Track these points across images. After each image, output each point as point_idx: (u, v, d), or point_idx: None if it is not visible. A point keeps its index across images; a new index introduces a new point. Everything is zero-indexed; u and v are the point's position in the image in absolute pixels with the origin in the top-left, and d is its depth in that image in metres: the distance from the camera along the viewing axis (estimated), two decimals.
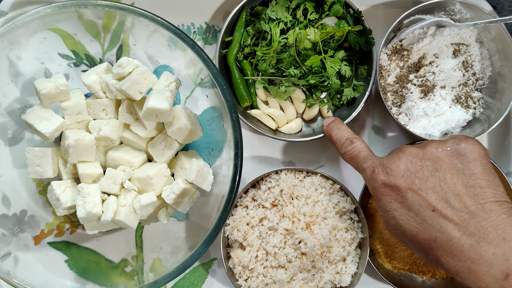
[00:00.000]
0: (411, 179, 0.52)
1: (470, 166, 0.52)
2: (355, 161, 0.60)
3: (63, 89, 0.63)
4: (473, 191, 0.50)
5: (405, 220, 0.52)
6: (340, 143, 0.63)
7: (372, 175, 0.55)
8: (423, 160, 0.53)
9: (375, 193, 0.55)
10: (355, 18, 0.70)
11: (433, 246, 0.50)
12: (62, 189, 0.65)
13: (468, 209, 0.49)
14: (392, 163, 0.54)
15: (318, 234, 0.65)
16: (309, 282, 0.67)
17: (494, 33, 0.71)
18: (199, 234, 0.63)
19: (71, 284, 0.66)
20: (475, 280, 0.48)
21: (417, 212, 0.51)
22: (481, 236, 0.48)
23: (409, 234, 0.52)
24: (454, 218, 0.49)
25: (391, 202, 0.53)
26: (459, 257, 0.48)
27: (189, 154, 0.69)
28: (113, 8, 0.60)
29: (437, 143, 0.54)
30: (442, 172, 0.52)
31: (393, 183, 0.53)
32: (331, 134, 0.65)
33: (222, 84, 0.60)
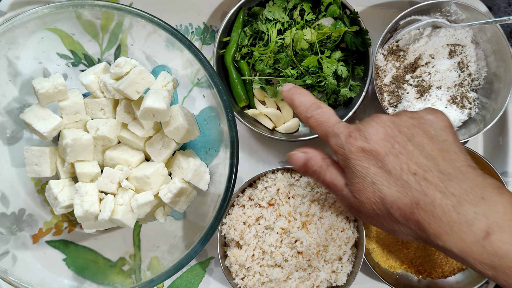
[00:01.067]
0: (391, 143, 0.51)
1: (442, 133, 0.52)
2: (324, 126, 0.56)
3: (61, 88, 0.64)
4: (448, 155, 0.51)
5: (385, 185, 0.50)
6: (305, 107, 0.57)
7: (348, 140, 0.52)
8: (400, 126, 0.52)
9: (350, 158, 0.52)
10: (351, 18, 0.71)
11: (415, 210, 0.49)
12: (60, 188, 0.65)
13: (447, 172, 0.49)
14: (370, 128, 0.52)
15: (314, 233, 0.66)
16: (305, 281, 0.68)
17: (489, 34, 0.71)
18: (196, 233, 0.63)
19: (69, 283, 0.67)
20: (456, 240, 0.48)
21: (398, 177, 0.50)
22: (461, 197, 0.48)
23: (389, 200, 0.50)
24: (435, 180, 0.49)
25: (369, 168, 0.51)
26: (440, 217, 0.48)
27: (186, 154, 0.69)
28: (110, 8, 0.61)
29: (410, 113, 0.54)
30: (419, 137, 0.52)
31: (372, 148, 0.51)
32: (293, 98, 0.59)
33: (218, 84, 0.60)
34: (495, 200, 0.47)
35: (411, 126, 0.52)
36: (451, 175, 0.49)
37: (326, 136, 0.56)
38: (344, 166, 0.53)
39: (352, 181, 0.52)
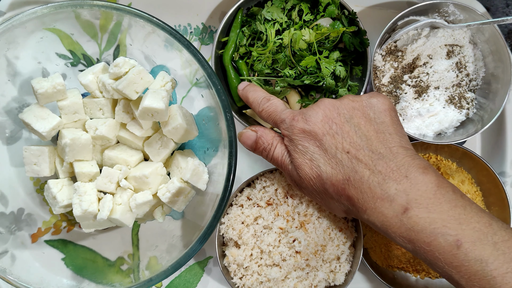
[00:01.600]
0: (329, 124, 0.55)
1: (381, 115, 0.56)
2: (273, 115, 0.61)
3: (60, 88, 0.64)
4: (383, 136, 0.55)
5: (322, 162, 0.55)
6: (257, 102, 0.64)
7: (291, 123, 0.57)
8: (340, 108, 0.56)
9: (293, 139, 0.57)
10: (350, 19, 0.71)
11: (346, 186, 0.53)
12: (58, 188, 0.66)
13: (378, 151, 0.53)
14: (311, 111, 0.57)
15: (312, 233, 0.66)
16: (303, 281, 0.68)
17: (487, 34, 0.72)
18: (194, 233, 0.64)
19: (67, 282, 0.67)
20: (379, 215, 0.52)
21: (333, 155, 0.54)
22: (387, 175, 0.52)
23: (324, 176, 0.55)
24: (365, 159, 0.53)
25: (309, 147, 0.56)
26: (367, 194, 0.52)
27: (185, 153, 0.70)
28: (109, 8, 0.61)
29: (353, 96, 0.58)
30: (357, 119, 0.56)
31: (311, 129, 0.56)
32: (247, 96, 0.66)
33: (217, 84, 0.61)
34: (418, 179, 0.51)
35: (350, 109, 0.57)
36: (381, 154, 0.53)
37: (276, 124, 0.61)
38: (289, 147, 0.58)
39: (294, 158, 0.58)
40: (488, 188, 0.73)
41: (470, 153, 0.72)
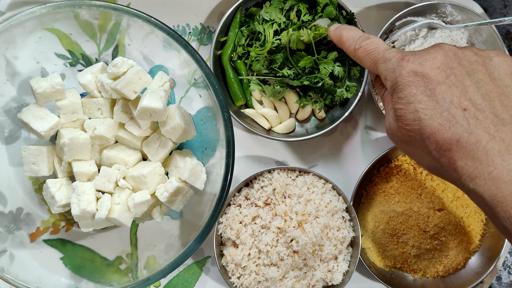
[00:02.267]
0: (446, 73, 0.48)
1: (506, 78, 0.49)
2: (373, 53, 0.54)
3: (59, 88, 0.64)
4: (508, 101, 0.47)
5: (428, 115, 0.47)
6: (354, 40, 0.57)
7: (400, 63, 0.50)
8: (462, 59, 0.49)
9: (399, 82, 0.49)
10: (348, 19, 0.71)
11: (454, 147, 0.46)
12: (57, 187, 0.66)
13: (501, 116, 0.46)
14: (427, 54, 0.49)
15: (310, 232, 0.66)
16: (301, 280, 0.68)
17: (485, 35, 0.72)
18: (192, 232, 0.64)
19: (66, 281, 0.67)
20: (492, 187, 0.44)
21: (446, 109, 0.46)
22: (510, 144, 0.44)
23: (427, 131, 0.47)
24: (486, 121, 0.46)
25: (416, 94, 0.47)
26: (481, 160, 0.44)
27: (183, 153, 0.70)
28: (107, 8, 0.61)
29: (476, 49, 0.51)
30: (480, 75, 0.48)
31: (426, 73, 0.47)
32: (341, 33, 0.59)
33: (215, 84, 0.61)
34: None
35: (474, 62, 0.49)
36: (505, 120, 0.46)
37: (376, 64, 0.53)
38: (391, 92, 0.50)
39: (396, 105, 0.50)
40: None
41: None
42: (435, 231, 0.70)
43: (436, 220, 0.70)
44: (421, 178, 0.72)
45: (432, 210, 0.70)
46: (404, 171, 0.73)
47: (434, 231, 0.70)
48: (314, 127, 0.76)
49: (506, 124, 0.46)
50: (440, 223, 0.70)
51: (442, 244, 0.71)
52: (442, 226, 0.70)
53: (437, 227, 0.70)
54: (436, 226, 0.70)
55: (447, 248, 0.71)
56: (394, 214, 0.71)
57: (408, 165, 0.74)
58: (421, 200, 0.71)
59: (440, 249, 0.71)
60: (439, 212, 0.71)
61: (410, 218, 0.70)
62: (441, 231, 0.70)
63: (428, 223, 0.69)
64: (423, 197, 0.71)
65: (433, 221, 0.70)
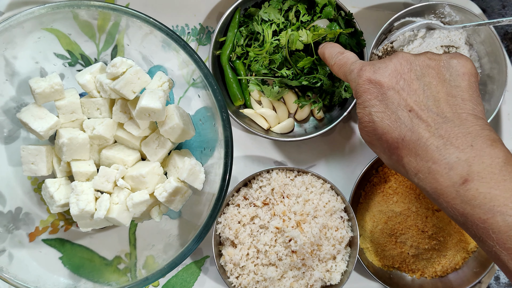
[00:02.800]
0: (396, 79, 0.52)
1: (458, 79, 0.52)
2: (343, 67, 0.59)
3: (58, 88, 0.64)
4: (454, 100, 0.51)
5: (379, 117, 0.52)
6: (331, 56, 0.62)
7: (359, 73, 0.55)
8: (413, 64, 0.53)
9: (358, 90, 0.55)
10: (346, 20, 0.71)
11: (400, 145, 0.50)
12: (56, 187, 0.66)
13: (444, 114, 0.50)
14: (382, 63, 0.54)
15: (308, 232, 0.66)
16: (299, 280, 0.68)
17: (483, 35, 0.72)
18: (191, 232, 0.64)
19: (64, 281, 0.67)
20: (432, 180, 0.48)
21: (394, 111, 0.51)
22: (449, 140, 0.48)
23: (379, 132, 0.52)
24: (428, 120, 0.49)
25: (371, 99, 0.53)
26: (422, 156, 0.48)
27: (182, 153, 0.70)
28: (106, 9, 0.61)
29: (431, 54, 0.54)
30: (429, 78, 0.52)
31: (377, 80, 0.53)
32: (324, 51, 0.64)
33: (213, 84, 0.61)
34: (485, 151, 0.47)
35: (425, 66, 0.53)
36: (447, 118, 0.49)
37: (345, 76, 0.58)
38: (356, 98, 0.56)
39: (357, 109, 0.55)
40: None
41: None
42: (433, 231, 0.70)
43: (434, 220, 0.70)
44: None
45: (430, 210, 0.70)
46: None
47: (432, 231, 0.70)
48: (312, 127, 0.76)
49: (447, 121, 0.49)
50: (438, 223, 0.70)
51: (440, 244, 0.71)
52: (440, 226, 0.70)
53: (435, 227, 0.70)
54: (434, 226, 0.70)
55: (445, 248, 0.71)
56: (392, 214, 0.71)
57: None
58: (419, 200, 0.71)
59: (438, 249, 0.71)
60: (437, 212, 0.71)
61: (408, 218, 0.70)
62: (439, 231, 0.70)
63: (426, 223, 0.70)
64: (422, 197, 0.71)
65: (431, 221, 0.70)
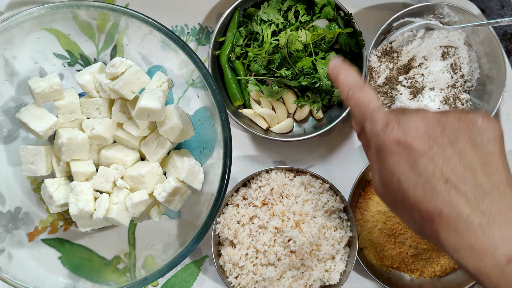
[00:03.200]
0: (429, 143, 0.47)
1: (490, 144, 0.48)
2: (363, 108, 0.53)
3: (57, 88, 0.64)
4: (489, 170, 0.47)
5: (411, 185, 0.47)
6: (348, 86, 0.55)
7: (384, 129, 0.49)
8: (445, 127, 0.48)
9: (383, 149, 0.49)
10: (345, 20, 0.71)
11: (436, 219, 0.46)
12: (55, 187, 0.66)
13: (483, 187, 0.46)
14: (411, 122, 0.48)
15: (307, 232, 0.66)
16: (298, 280, 0.68)
17: (482, 36, 0.72)
18: (190, 232, 0.64)
19: (63, 280, 0.67)
20: (475, 260, 0.44)
21: (428, 180, 0.46)
22: (492, 216, 0.45)
23: (411, 202, 0.47)
24: (467, 193, 0.45)
25: (399, 164, 0.48)
26: (463, 233, 0.45)
27: (181, 153, 0.70)
28: (105, 9, 0.61)
29: (460, 113, 0.50)
30: (462, 143, 0.48)
31: (409, 143, 0.47)
32: (338, 74, 0.56)
33: (212, 85, 0.61)
34: None
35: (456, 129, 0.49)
36: (486, 191, 0.46)
37: (363, 120, 0.53)
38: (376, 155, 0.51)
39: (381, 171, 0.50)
40: None
41: None
42: None
43: None
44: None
45: None
46: None
47: None
48: (311, 127, 0.76)
49: (487, 195, 0.46)
50: None
51: None
52: None
53: None
54: None
55: None
56: (391, 214, 0.71)
57: None
58: None
59: (437, 249, 0.71)
60: None
61: None
62: None
63: None
64: None
65: None
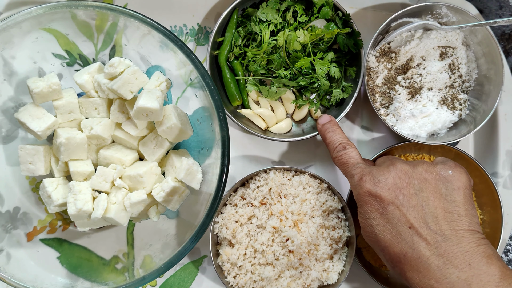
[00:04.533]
0: (396, 193, 0.54)
1: (454, 193, 0.55)
2: (344, 166, 0.61)
3: (56, 88, 0.64)
4: (450, 217, 0.53)
5: (381, 231, 0.54)
6: (333, 147, 0.64)
7: (359, 182, 0.57)
8: (411, 178, 0.55)
9: (359, 199, 0.57)
10: (344, 20, 0.71)
11: (402, 260, 0.53)
12: (53, 187, 0.66)
13: (443, 232, 0.52)
14: (381, 175, 0.56)
15: (306, 232, 0.66)
16: (297, 280, 0.68)
17: (480, 36, 0.72)
18: (188, 231, 0.64)
19: (62, 280, 0.67)
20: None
21: (394, 226, 0.53)
22: (449, 259, 0.50)
23: (382, 244, 0.55)
24: (428, 238, 0.52)
25: (371, 211, 0.55)
26: (424, 274, 0.51)
27: (180, 153, 0.70)
28: (103, 9, 0.61)
29: (428, 165, 0.57)
30: (426, 193, 0.55)
31: (378, 194, 0.55)
32: (325, 135, 0.66)
33: (210, 84, 0.61)
34: (482, 269, 0.49)
35: (422, 180, 0.55)
36: (445, 236, 0.52)
37: (346, 176, 0.61)
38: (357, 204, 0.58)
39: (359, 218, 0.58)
40: (480, 188, 0.74)
41: (463, 154, 0.72)
42: None
43: None
44: None
45: None
46: None
47: None
48: (310, 127, 0.76)
49: (446, 239, 0.52)
50: None
51: None
52: None
53: None
54: None
55: None
56: None
57: None
58: None
59: None
60: None
61: None
62: None
63: None
64: None
65: None
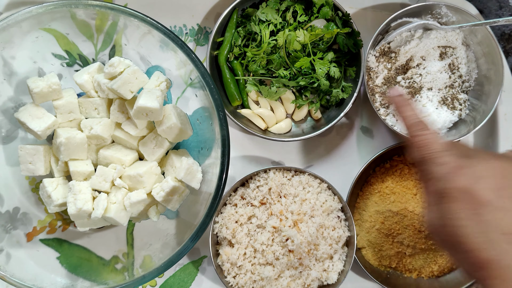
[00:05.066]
0: (497, 195, 0.46)
1: None
2: (427, 148, 0.51)
3: (55, 88, 0.64)
4: None
5: (469, 233, 0.46)
6: (411, 123, 0.53)
7: (451, 175, 0.47)
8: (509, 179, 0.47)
9: (446, 194, 0.47)
10: (343, 20, 0.72)
11: (487, 267, 0.45)
12: (53, 187, 0.66)
13: None
14: (485, 170, 0.47)
15: (305, 232, 0.66)
16: (296, 279, 0.68)
17: (480, 36, 0.72)
18: (188, 231, 0.64)
19: (62, 280, 0.67)
20: None
21: (484, 231, 0.45)
22: None
23: (466, 248, 0.46)
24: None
25: (461, 211, 0.46)
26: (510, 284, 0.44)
27: (179, 153, 0.70)
28: (104, 8, 0.61)
29: None
30: None
31: (478, 193, 0.46)
32: (400, 109, 0.55)
33: (210, 84, 0.61)
34: None
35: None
36: None
37: (425, 160, 0.51)
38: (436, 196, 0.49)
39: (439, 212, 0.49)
40: None
41: None
42: None
43: None
44: (416, 178, 0.73)
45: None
46: (399, 171, 0.74)
47: None
48: (310, 127, 0.76)
49: None
50: None
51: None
52: None
53: None
54: None
55: None
56: (389, 214, 0.71)
57: (403, 166, 0.74)
58: (416, 200, 0.71)
59: (435, 249, 0.71)
60: None
61: (405, 218, 0.70)
62: None
63: (423, 223, 0.70)
64: (418, 197, 0.71)
65: None
